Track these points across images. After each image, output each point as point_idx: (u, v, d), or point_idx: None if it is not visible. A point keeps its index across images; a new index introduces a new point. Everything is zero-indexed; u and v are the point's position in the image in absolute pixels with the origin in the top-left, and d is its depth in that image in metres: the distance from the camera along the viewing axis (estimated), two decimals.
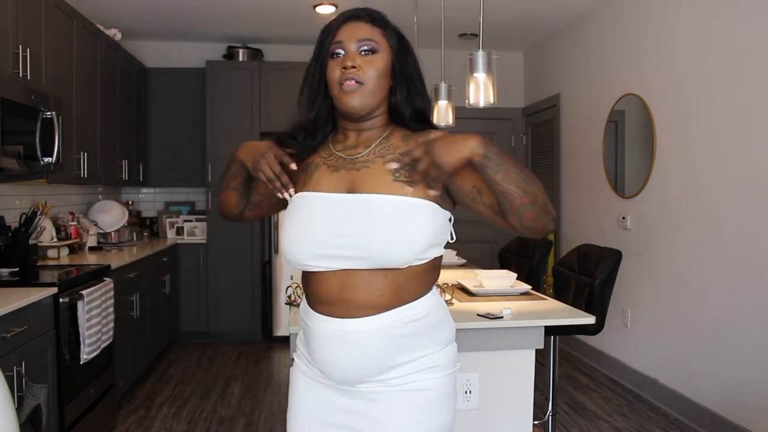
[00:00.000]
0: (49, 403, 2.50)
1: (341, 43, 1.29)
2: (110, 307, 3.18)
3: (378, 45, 1.29)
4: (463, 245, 2.50)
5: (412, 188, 1.24)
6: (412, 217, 1.23)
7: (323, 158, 1.35)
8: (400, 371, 1.29)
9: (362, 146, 1.33)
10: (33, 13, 3.13)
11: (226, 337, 5.28)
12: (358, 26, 1.30)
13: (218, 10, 4.67)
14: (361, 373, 1.28)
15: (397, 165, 1.22)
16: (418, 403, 1.29)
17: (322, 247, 1.25)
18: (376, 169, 1.28)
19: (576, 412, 3.64)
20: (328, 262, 1.26)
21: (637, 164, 4.08)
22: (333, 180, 1.30)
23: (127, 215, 4.77)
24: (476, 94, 2.51)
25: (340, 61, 1.28)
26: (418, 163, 1.17)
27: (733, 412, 3.15)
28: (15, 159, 2.82)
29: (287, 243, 1.29)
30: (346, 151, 1.33)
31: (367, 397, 1.30)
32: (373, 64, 1.28)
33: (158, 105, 5.38)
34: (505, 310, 2.21)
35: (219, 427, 3.41)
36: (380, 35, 1.31)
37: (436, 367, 1.31)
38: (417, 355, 1.29)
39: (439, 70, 3.72)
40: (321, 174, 1.32)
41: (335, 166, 1.32)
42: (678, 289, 3.63)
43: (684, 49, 3.58)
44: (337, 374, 1.30)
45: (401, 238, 1.22)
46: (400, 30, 1.36)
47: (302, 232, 1.28)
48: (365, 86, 1.27)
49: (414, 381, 1.29)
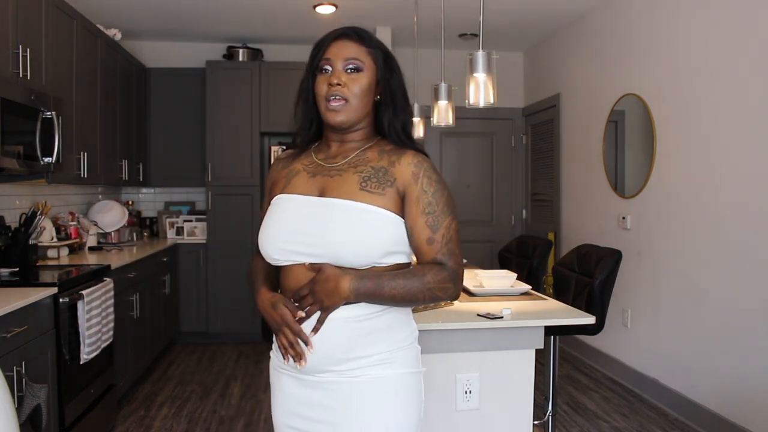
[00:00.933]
0: (49, 403, 2.50)
1: (329, 60, 1.40)
2: (110, 307, 3.18)
3: (363, 64, 1.40)
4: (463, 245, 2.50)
5: (376, 198, 1.36)
6: (371, 224, 1.34)
7: (304, 165, 1.47)
8: (358, 363, 1.36)
9: (341, 156, 1.44)
10: (33, 13, 3.13)
11: (226, 337, 5.28)
12: (346, 45, 1.41)
13: (218, 10, 4.67)
14: (319, 360, 1.36)
15: (303, 314, 1.36)
16: (378, 394, 1.36)
17: (287, 243, 1.37)
18: (347, 177, 1.40)
19: (576, 412, 3.64)
20: (294, 257, 1.37)
21: (637, 164, 4.08)
22: (308, 184, 1.42)
23: (127, 215, 4.77)
24: (476, 94, 2.50)
25: (327, 78, 1.39)
26: (303, 302, 1.35)
27: (733, 412, 3.15)
28: (15, 159, 2.82)
29: (261, 239, 1.43)
30: (326, 160, 1.45)
31: (328, 388, 1.38)
32: (358, 81, 1.39)
33: (158, 105, 5.38)
34: (505, 310, 2.21)
35: (219, 427, 3.41)
36: (366, 54, 1.41)
37: (395, 363, 1.38)
38: (375, 350, 1.37)
39: (439, 70, 3.72)
40: (299, 179, 1.44)
41: (313, 172, 1.44)
42: (678, 289, 3.63)
43: (684, 49, 3.58)
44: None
45: (356, 241, 1.32)
46: (387, 48, 1.47)
47: (272, 228, 1.41)
48: (350, 103, 1.38)
49: (373, 374, 1.36)
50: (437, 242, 1.38)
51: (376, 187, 1.37)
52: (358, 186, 1.37)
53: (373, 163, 1.41)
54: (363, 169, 1.40)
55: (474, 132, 6.02)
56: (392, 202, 1.37)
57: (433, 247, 1.38)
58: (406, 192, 1.38)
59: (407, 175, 1.39)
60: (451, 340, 2.15)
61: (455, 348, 2.16)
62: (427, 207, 1.38)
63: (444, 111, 3.59)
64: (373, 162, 1.41)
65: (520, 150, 6.13)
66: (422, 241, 1.38)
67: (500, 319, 2.14)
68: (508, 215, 6.13)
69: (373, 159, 1.42)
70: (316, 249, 1.34)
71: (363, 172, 1.40)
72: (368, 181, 1.38)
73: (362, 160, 1.42)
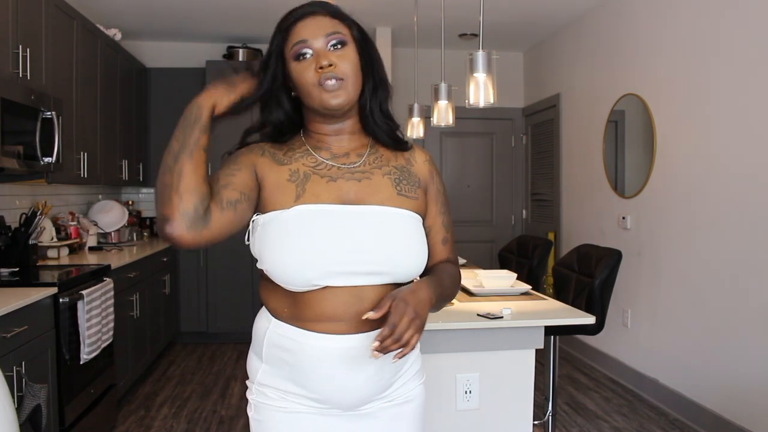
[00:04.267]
0: (49, 403, 2.50)
1: (306, 41, 1.18)
2: (110, 307, 3.18)
3: (345, 36, 1.20)
4: (463, 245, 2.51)
5: (413, 203, 1.25)
6: (417, 230, 1.24)
7: (310, 167, 1.22)
8: (398, 383, 1.27)
9: (354, 154, 1.26)
10: (33, 13, 3.13)
11: (226, 337, 5.28)
12: (319, 21, 1.20)
13: (218, 10, 4.67)
14: (371, 391, 1.21)
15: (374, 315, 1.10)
16: (410, 413, 1.30)
17: (338, 264, 1.14)
18: (377, 180, 1.23)
19: (576, 412, 3.64)
20: (343, 279, 1.15)
21: (637, 164, 4.08)
22: (333, 190, 1.20)
23: (127, 215, 4.77)
24: (476, 94, 2.51)
25: (311, 61, 1.18)
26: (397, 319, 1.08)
27: (733, 412, 3.15)
28: (15, 159, 2.82)
29: (291, 263, 1.13)
30: (337, 159, 1.24)
31: (369, 417, 1.24)
32: (346, 57, 1.19)
33: (158, 105, 5.38)
34: (505, 310, 2.21)
35: (219, 427, 3.41)
36: (343, 26, 1.22)
37: (419, 371, 1.33)
38: (408, 363, 1.29)
39: (439, 70, 3.72)
40: (315, 185, 1.20)
41: (330, 176, 1.21)
42: (678, 289, 3.63)
43: (684, 49, 3.58)
44: (345, 399, 1.20)
45: (415, 251, 1.21)
46: (354, 18, 1.28)
47: (310, 249, 1.13)
48: (346, 81, 1.18)
49: (406, 392, 1.29)
50: (449, 242, 1.35)
51: (409, 191, 1.26)
52: (395, 191, 1.24)
53: (393, 162, 1.27)
54: (389, 170, 1.26)
55: (474, 132, 6.02)
56: (423, 205, 1.29)
57: (446, 247, 1.34)
58: (427, 191, 1.31)
59: (426, 174, 1.32)
60: (451, 340, 2.15)
61: (455, 348, 2.16)
62: (442, 207, 1.33)
63: (444, 111, 3.59)
64: (392, 160, 1.28)
65: (520, 150, 6.13)
66: (438, 241, 1.33)
67: (500, 319, 2.14)
68: (508, 215, 6.13)
69: (389, 156, 1.28)
70: (377, 267, 1.16)
71: (391, 173, 1.25)
72: (401, 184, 1.25)
73: (380, 158, 1.27)
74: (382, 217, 1.19)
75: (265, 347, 1.24)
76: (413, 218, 1.24)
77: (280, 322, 1.21)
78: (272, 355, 1.22)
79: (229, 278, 5.20)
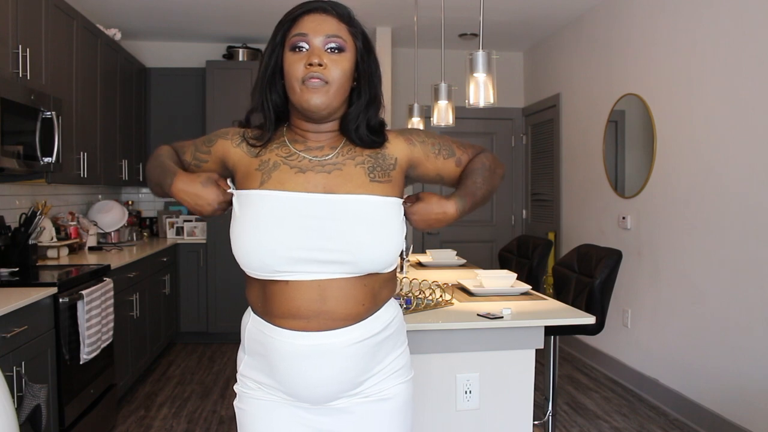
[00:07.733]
0: (49, 403, 2.50)
1: (306, 36, 1.18)
2: (110, 307, 3.18)
3: (345, 43, 1.20)
4: (463, 245, 2.51)
5: (387, 187, 1.23)
6: (390, 217, 1.20)
7: (282, 157, 1.22)
8: (372, 380, 1.25)
9: (328, 148, 1.25)
10: (33, 13, 3.13)
11: (226, 337, 5.28)
12: (325, 20, 1.19)
13: (218, 10, 4.67)
14: (338, 388, 1.21)
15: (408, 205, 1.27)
16: (388, 410, 1.27)
17: (300, 250, 1.14)
18: (349, 171, 1.21)
19: (576, 412, 3.64)
20: (305, 267, 1.15)
21: (637, 164, 4.08)
22: (300, 181, 1.19)
23: (127, 215, 4.77)
24: (476, 94, 2.51)
25: (304, 56, 1.17)
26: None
27: (733, 412, 3.15)
28: (15, 159, 2.82)
29: (252, 247, 1.15)
30: (310, 152, 1.23)
31: (343, 411, 1.24)
32: (340, 63, 1.18)
33: (158, 105, 5.38)
34: (505, 310, 2.21)
35: (219, 427, 3.41)
36: (347, 33, 1.22)
37: (399, 370, 1.30)
38: (386, 360, 1.27)
39: (439, 70, 3.72)
40: (283, 174, 1.20)
41: (300, 167, 1.21)
42: (678, 288, 3.63)
43: (684, 49, 3.58)
44: (312, 394, 1.21)
45: (383, 239, 1.17)
46: (364, 28, 1.28)
47: (272, 234, 1.14)
48: (330, 86, 1.17)
49: (384, 389, 1.27)
50: (463, 156, 1.37)
51: (382, 176, 1.23)
52: (368, 179, 1.21)
53: (367, 151, 1.25)
54: (362, 160, 1.23)
55: (474, 132, 6.02)
56: (398, 187, 1.26)
57: (462, 159, 1.37)
58: (412, 159, 1.30)
59: (403, 146, 1.30)
60: (451, 340, 2.15)
61: (455, 348, 2.16)
62: (433, 148, 1.33)
63: (444, 111, 3.59)
64: (366, 149, 1.26)
65: (520, 150, 6.13)
66: (452, 168, 1.36)
67: (500, 319, 2.14)
68: (508, 215, 6.14)
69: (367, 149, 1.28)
70: (340, 255, 1.15)
71: (365, 162, 1.23)
72: (374, 171, 1.22)
73: (354, 150, 1.25)
74: (348, 205, 1.17)
75: (246, 340, 1.29)
76: (385, 203, 1.21)
77: (256, 317, 1.26)
78: (251, 348, 1.27)
79: (229, 278, 5.20)
